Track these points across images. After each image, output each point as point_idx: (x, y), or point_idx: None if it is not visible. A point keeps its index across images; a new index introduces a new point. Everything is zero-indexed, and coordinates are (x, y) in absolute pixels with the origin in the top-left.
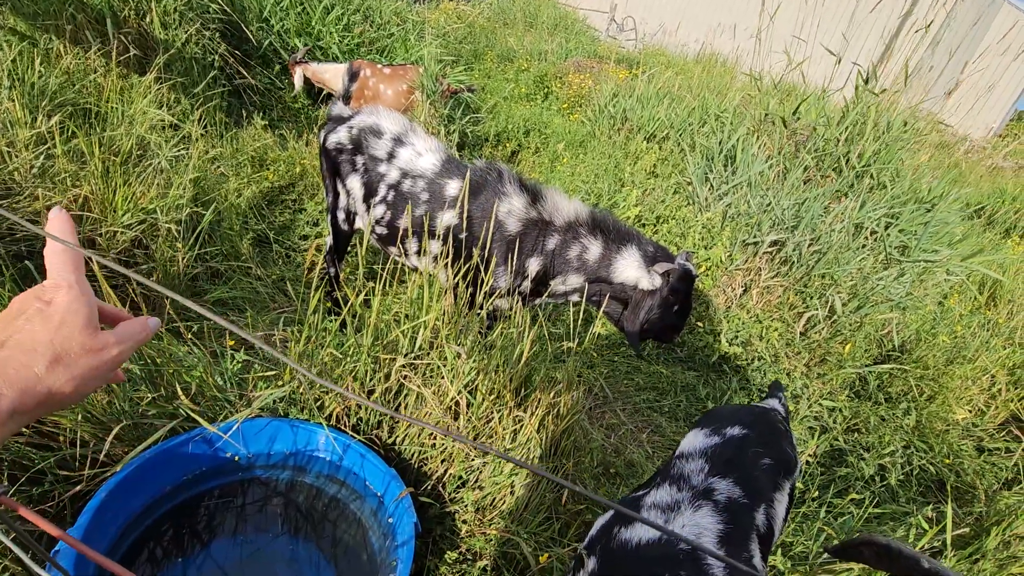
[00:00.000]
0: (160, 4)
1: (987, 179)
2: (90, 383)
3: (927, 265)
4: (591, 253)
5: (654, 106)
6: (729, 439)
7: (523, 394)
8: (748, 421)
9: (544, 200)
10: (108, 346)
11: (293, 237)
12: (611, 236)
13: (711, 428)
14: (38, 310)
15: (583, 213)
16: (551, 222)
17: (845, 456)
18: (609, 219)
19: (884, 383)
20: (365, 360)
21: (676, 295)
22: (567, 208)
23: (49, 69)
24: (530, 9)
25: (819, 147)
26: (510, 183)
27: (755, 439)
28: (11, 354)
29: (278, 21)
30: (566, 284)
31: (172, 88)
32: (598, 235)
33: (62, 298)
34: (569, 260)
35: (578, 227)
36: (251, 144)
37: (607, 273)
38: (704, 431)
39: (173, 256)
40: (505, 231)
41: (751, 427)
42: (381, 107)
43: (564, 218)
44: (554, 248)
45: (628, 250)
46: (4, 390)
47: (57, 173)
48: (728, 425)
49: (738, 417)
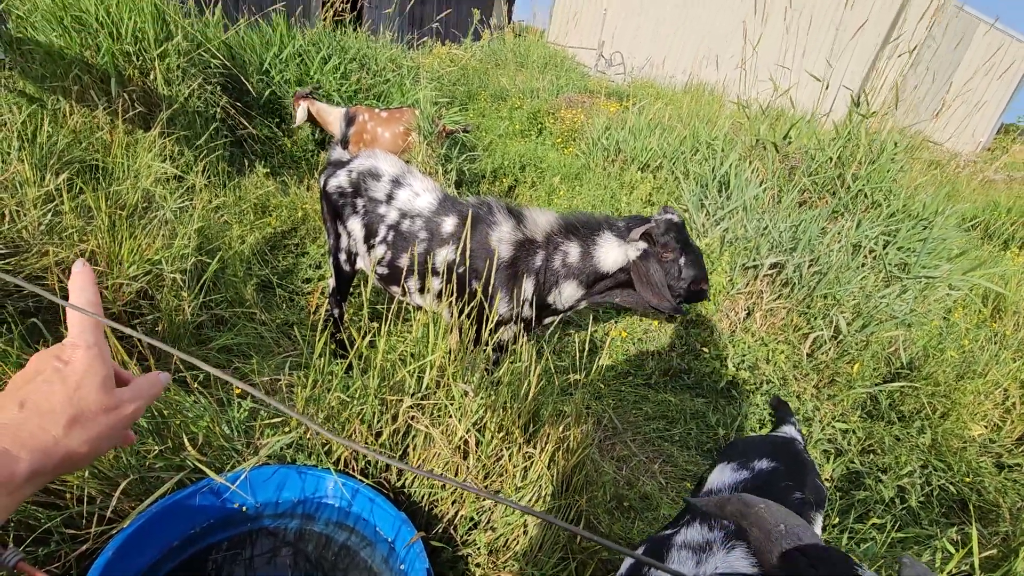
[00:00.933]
0: (164, 62)
1: (980, 192)
2: (105, 442)
3: (928, 281)
4: (572, 256)
5: (646, 137)
6: (758, 473)
7: (532, 430)
8: (774, 453)
9: (525, 219)
10: (123, 404)
11: (296, 281)
12: (582, 232)
13: (738, 462)
14: (56, 370)
15: (554, 221)
16: (534, 239)
17: (862, 479)
18: (575, 217)
19: (896, 402)
20: (372, 402)
21: (670, 248)
22: (542, 221)
23: (57, 129)
24: (520, 50)
25: (812, 169)
26: (498, 212)
27: (784, 472)
28: (28, 416)
29: (278, 72)
30: (563, 296)
31: (176, 141)
32: (571, 237)
33: (80, 358)
34: (556, 270)
35: (554, 236)
36: (254, 192)
37: (595, 267)
38: (731, 465)
39: (178, 305)
40: (499, 258)
41: (778, 459)
42: (378, 151)
43: (542, 232)
44: (541, 264)
45: (602, 236)
46: (22, 454)
47: (65, 229)
48: (755, 458)
49: (764, 449)
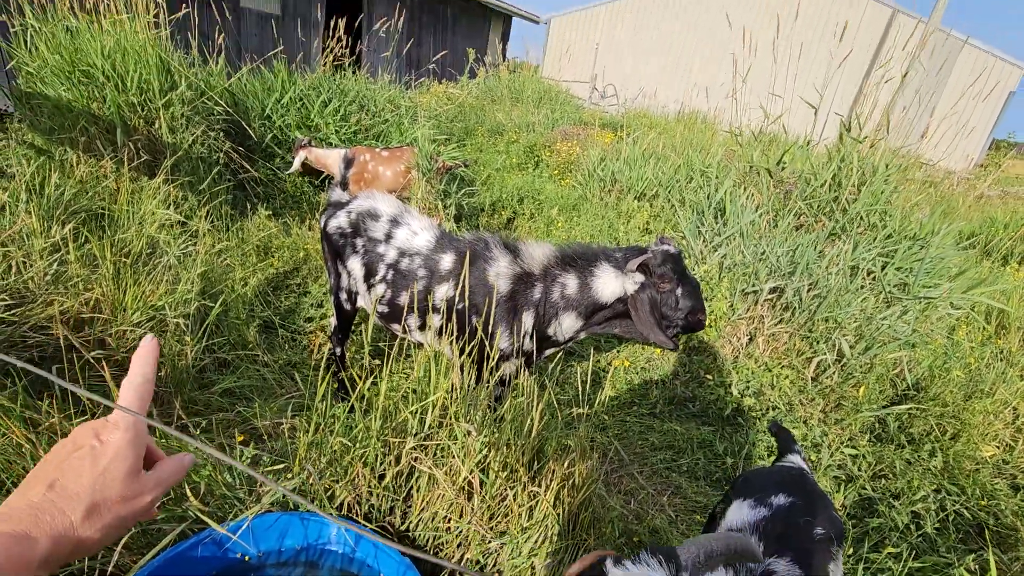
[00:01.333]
0: (168, 111)
1: (976, 209)
2: (116, 532)
3: (929, 301)
4: (570, 288)
5: (641, 166)
6: (777, 510)
7: (536, 467)
8: (791, 487)
9: (521, 253)
10: (144, 493)
11: (298, 320)
12: (579, 263)
13: (755, 499)
14: (91, 448)
15: (551, 253)
16: (531, 272)
17: (875, 505)
18: (572, 249)
19: (904, 424)
20: (375, 444)
21: (667, 279)
22: (539, 254)
23: (64, 179)
24: (515, 86)
25: (807, 193)
26: (495, 247)
27: (802, 507)
28: (54, 499)
29: (279, 117)
30: (563, 327)
31: (179, 187)
32: (568, 268)
33: (115, 441)
34: (555, 303)
35: (551, 269)
36: (256, 234)
37: (594, 298)
38: (749, 502)
39: (181, 350)
40: (498, 293)
41: (795, 494)
42: (376, 192)
43: (539, 264)
44: (540, 296)
45: (599, 267)
46: (40, 536)
47: (70, 278)
48: (772, 494)
49: (779, 483)
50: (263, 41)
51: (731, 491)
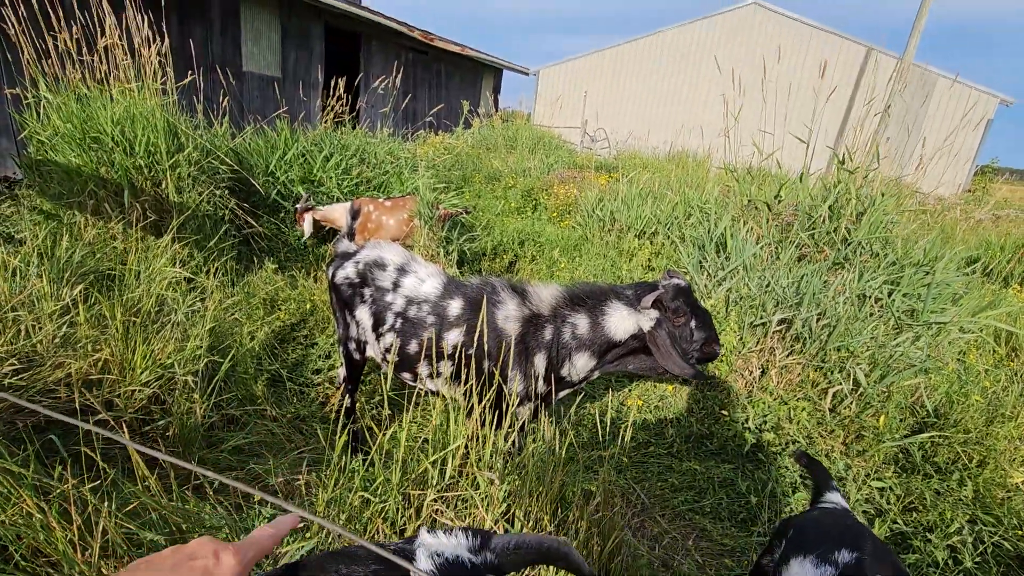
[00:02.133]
0: (175, 172)
1: (971, 233)
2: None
3: (939, 326)
4: (581, 328)
5: (639, 205)
6: (845, 568)
7: (561, 515)
8: (852, 540)
9: (529, 295)
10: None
11: (306, 372)
12: (589, 303)
13: (817, 555)
14: (205, 569)
15: (559, 294)
16: (540, 314)
17: (909, 540)
18: (580, 288)
19: (928, 453)
20: (395, 498)
21: (681, 313)
22: (547, 295)
23: (73, 242)
24: (509, 134)
25: (808, 225)
26: (503, 291)
27: (870, 562)
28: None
29: (283, 173)
30: (576, 368)
31: (186, 245)
32: (579, 309)
33: (230, 566)
34: (567, 343)
35: (561, 309)
36: (263, 288)
37: (607, 337)
38: (811, 560)
39: (190, 408)
40: (507, 336)
41: (859, 547)
42: (383, 241)
43: (548, 306)
44: (551, 338)
45: (611, 306)
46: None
47: (79, 340)
48: (834, 549)
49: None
50: (265, 102)
51: (783, 544)
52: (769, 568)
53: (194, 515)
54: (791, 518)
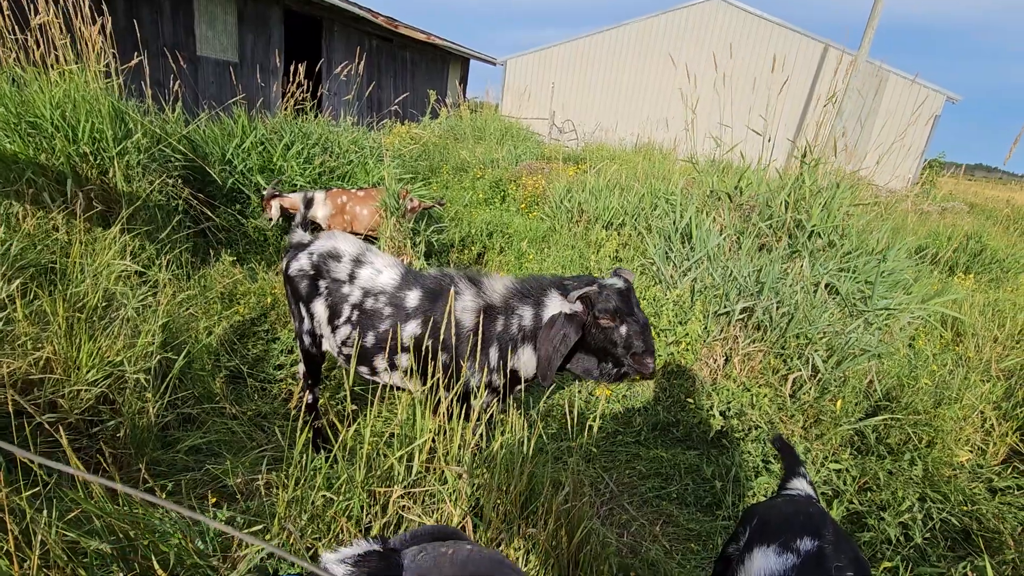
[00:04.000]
0: (123, 160)
1: (920, 224)
2: None
3: (889, 312)
4: (525, 319)
5: (606, 197)
6: (806, 557)
7: (530, 508)
8: (814, 528)
9: (483, 286)
10: None
11: (268, 368)
12: (533, 294)
13: (779, 543)
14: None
15: (510, 285)
16: (493, 305)
17: (864, 519)
18: (530, 280)
19: (881, 435)
20: (359, 496)
21: (609, 314)
22: (499, 286)
23: (10, 234)
24: (477, 124)
25: (767, 215)
26: (460, 282)
27: (830, 550)
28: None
29: (240, 162)
30: (522, 361)
31: (136, 237)
32: (525, 300)
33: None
34: (514, 336)
35: (510, 300)
36: (220, 281)
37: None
38: (774, 549)
39: (142, 408)
40: (464, 328)
41: (820, 536)
42: (337, 232)
43: (500, 296)
44: (501, 329)
45: (549, 297)
46: None
47: (17, 337)
48: (796, 537)
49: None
50: (221, 88)
51: (747, 531)
52: (735, 555)
53: (143, 521)
54: (756, 505)
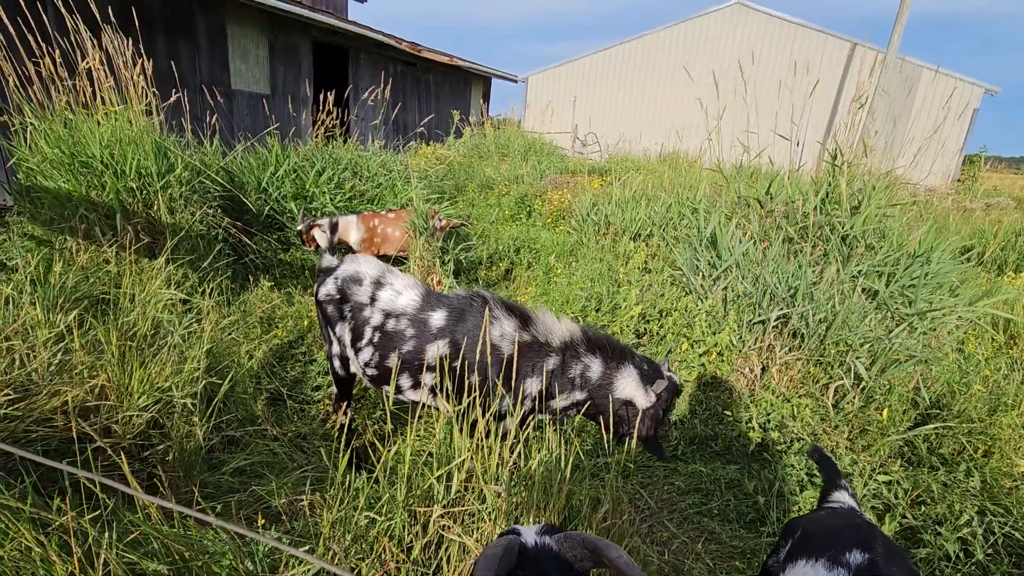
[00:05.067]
0: (166, 193)
1: (963, 222)
2: None
3: (935, 316)
4: (593, 371)
5: (633, 208)
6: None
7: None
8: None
9: (536, 323)
10: None
11: (306, 389)
12: (609, 354)
13: (828, 558)
14: None
15: (577, 332)
16: (547, 343)
17: (919, 534)
18: (604, 337)
19: (933, 445)
20: (401, 515)
21: (665, 407)
22: (560, 329)
23: (66, 268)
24: (501, 141)
25: (798, 220)
26: (497, 308)
27: (883, 563)
28: None
29: (275, 189)
30: (568, 400)
31: (180, 266)
32: (597, 354)
33: None
34: (572, 379)
35: (576, 346)
36: (259, 306)
37: (609, 390)
38: (822, 563)
39: (190, 431)
40: (500, 354)
41: (870, 548)
42: (360, 255)
43: (560, 339)
44: (554, 368)
45: (627, 368)
46: None
47: (75, 366)
48: (844, 550)
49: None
50: (255, 119)
51: (788, 544)
52: (774, 568)
53: (196, 542)
54: (797, 519)
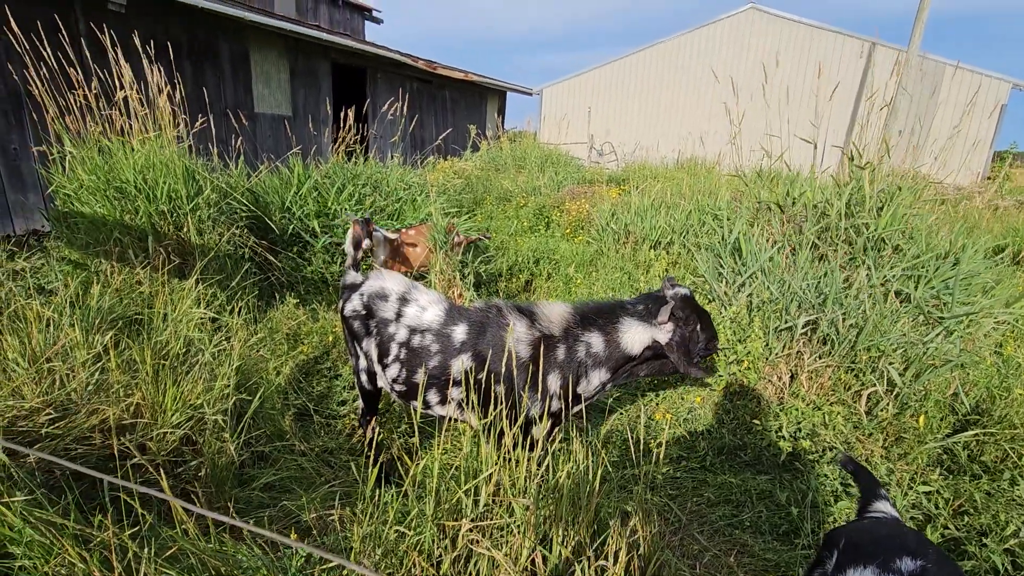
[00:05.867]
0: (195, 215)
1: (995, 221)
2: None
3: (971, 318)
4: (596, 346)
5: (653, 216)
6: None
7: (600, 539)
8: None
9: (537, 316)
10: None
11: (332, 404)
12: (600, 321)
13: (878, 564)
14: None
15: (567, 313)
16: (551, 335)
17: (963, 546)
18: (587, 307)
19: (974, 453)
20: (430, 529)
21: (691, 321)
22: (556, 315)
23: (103, 290)
24: (517, 154)
25: (823, 224)
26: (510, 313)
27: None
28: None
29: (298, 208)
30: (592, 385)
31: (209, 285)
32: (591, 327)
33: None
34: (582, 362)
35: (572, 329)
36: (285, 323)
37: (623, 352)
38: (871, 570)
39: (221, 447)
40: (519, 359)
41: (921, 556)
42: (385, 271)
43: (559, 326)
44: (564, 357)
45: (624, 322)
46: None
47: (111, 385)
48: (894, 557)
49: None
50: (277, 140)
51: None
52: None
53: (231, 558)
54: (840, 528)
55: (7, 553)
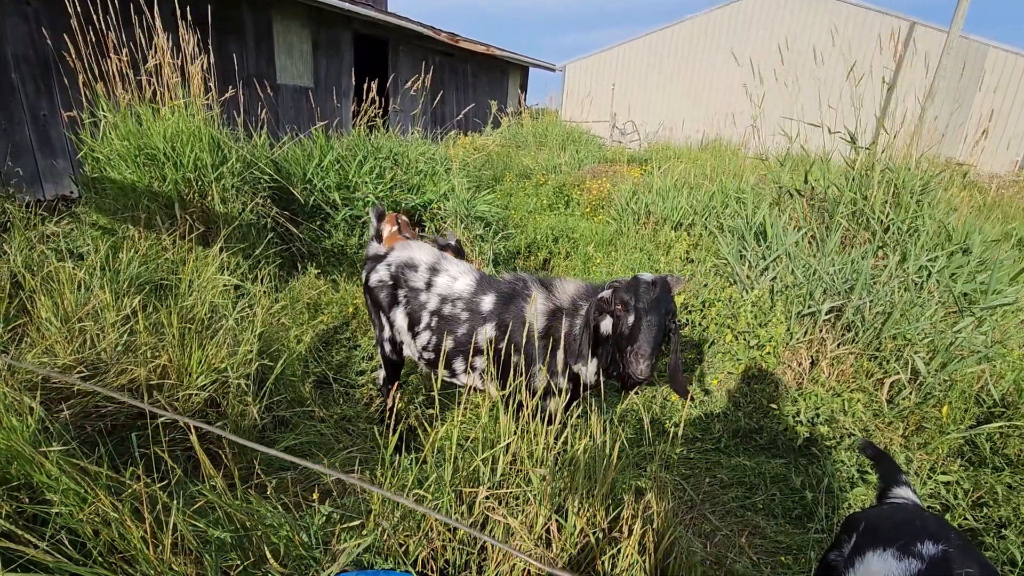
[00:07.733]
0: (220, 183)
1: None
2: None
3: (1005, 308)
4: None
5: (675, 196)
6: (932, 561)
7: (614, 514)
8: (935, 532)
9: (554, 288)
10: None
11: (351, 374)
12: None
13: (898, 547)
14: None
15: (580, 287)
16: (561, 307)
17: (981, 537)
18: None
19: (997, 445)
20: (448, 495)
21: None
22: (570, 288)
23: (132, 255)
24: (539, 131)
25: (851, 209)
26: (533, 285)
27: (957, 555)
28: None
29: (320, 180)
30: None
31: (233, 254)
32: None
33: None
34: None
35: (578, 301)
36: (306, 292)
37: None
38: (892, 552)
39: (244, 410)
40: (536, 329)
41: (943, 540)
42: (412, 241)
43: (569, 298)
44: (568, 331)
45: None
46: None
47: (140, 347)
48: (916, 541)
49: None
50: (299, 112)
51: (853, 538)
52: (838, 562)
53: (256, 512)
54: (859, 512)
55: (45, 500)
